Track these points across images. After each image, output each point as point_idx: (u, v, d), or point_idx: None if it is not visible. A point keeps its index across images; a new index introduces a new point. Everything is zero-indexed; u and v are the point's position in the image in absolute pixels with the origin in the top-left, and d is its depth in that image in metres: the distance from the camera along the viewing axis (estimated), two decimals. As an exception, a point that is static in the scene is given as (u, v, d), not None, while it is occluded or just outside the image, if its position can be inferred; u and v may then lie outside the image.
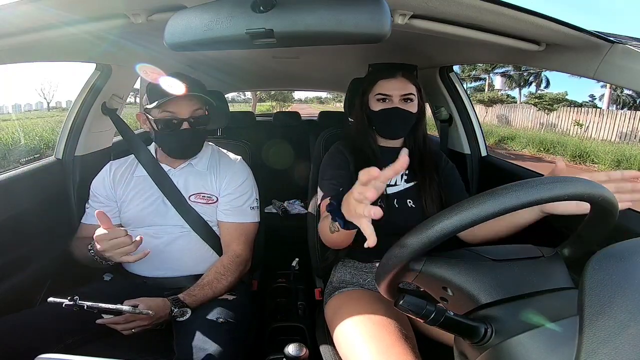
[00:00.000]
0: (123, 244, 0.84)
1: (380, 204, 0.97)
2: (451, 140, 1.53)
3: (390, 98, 0.99)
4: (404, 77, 1.00)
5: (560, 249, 0.56)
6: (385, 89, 0.99)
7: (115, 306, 0.75)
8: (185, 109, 0.99)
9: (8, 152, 8.26)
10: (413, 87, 1.00)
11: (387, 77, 1.00)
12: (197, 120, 1.02)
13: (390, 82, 0.99)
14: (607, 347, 0.37)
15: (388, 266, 0.49)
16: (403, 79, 0.99)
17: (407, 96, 0.99)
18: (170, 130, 0.99)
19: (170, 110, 0.97)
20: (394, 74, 1.00)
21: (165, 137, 1.02)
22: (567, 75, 7.55)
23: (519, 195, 0.41)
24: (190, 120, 1.00)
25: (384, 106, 1.00)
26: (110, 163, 1.12)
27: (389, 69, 1.02)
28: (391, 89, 0.99)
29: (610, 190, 0.45)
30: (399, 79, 0.99)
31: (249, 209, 1.11)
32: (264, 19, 0.55)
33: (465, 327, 0.45)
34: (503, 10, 0.65)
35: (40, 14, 0.67)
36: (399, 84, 0.99)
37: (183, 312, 0.86)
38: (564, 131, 13.08)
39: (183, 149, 1.05)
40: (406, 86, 0.99)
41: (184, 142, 1.03)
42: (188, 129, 1.00)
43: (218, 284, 0.96)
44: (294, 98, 27.21)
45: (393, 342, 0.72)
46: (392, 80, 0.99)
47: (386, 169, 0.56)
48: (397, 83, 0.99)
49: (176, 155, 1.07)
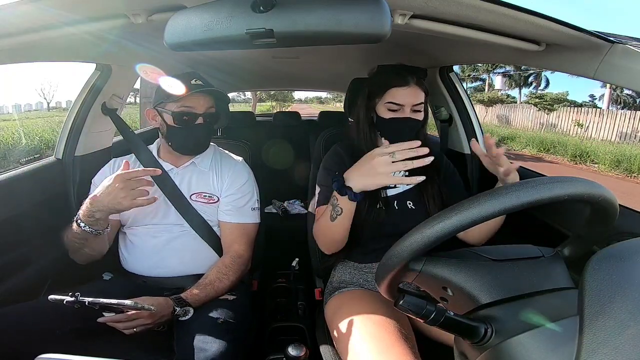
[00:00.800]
0: (139, 185, 0.87)
1: (380, 206, 0.97)
2: (451, 140, 1.53)
3: (403, 108, 0.95)
4: (417, 85, 0.95)
5: (560, 249, 0.56)
6: (398, 99, 0.94)
7: (117, 301, 0.74)
8: (202, 105, 1.01)
9: (8, 153, 8.26)
10: (423, 94, 0.96)
11: (401, 85, 0.94)
12: (211, 117, 1.05)
13: (403, 90, 0.94)
14: (607, 347, 0.37)
15: (388, 266, 0.49)
16: (416, 87, 0.95)
17: (418, 106, 0.96)
18: (186, 124, 1.01)
19: (188, 104, 1.00)
20: (407, 82, 0.94)
21: (178, 131, 1.02)
22: (567, 75, 7.59)
23: (519, 195, 0.41)
24: (205, 115, 1.02)
25: (395, 115, 0.95)
26: (113, 160, 1.11)
27: (402, 74, 0.96)
28: (404, 99, 0.94)
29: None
30: (412, 87, 0.94)
31: (250, 209, 1.11)
32: (264, 19, 0.55)
33: (465, 327, 0.45)
34: (503, 10, 0.65)
35: (40, 14, 0.67)
36: (412, 93, 0.94)
37: (185, 312, 0.86)
38: (564, 131, 13.08)
39: (195, 143, 1.06)
40: (418, 95, 0.95)
41: (197, 137, 1.05)
42: (202, 124, 1.02)
43: (220, 284, 0.96)
44: (294, 98, 27.21)
45: (393, 342, 0.72)
46: (406, 88, 0.94)
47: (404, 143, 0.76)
48: (410, 92, 0.94)
49: (186, 150, 1.07)
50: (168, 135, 1.05)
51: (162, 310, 0.82)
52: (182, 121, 1.01)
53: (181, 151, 1.07)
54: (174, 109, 1.00)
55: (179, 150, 1.07)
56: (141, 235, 1.04)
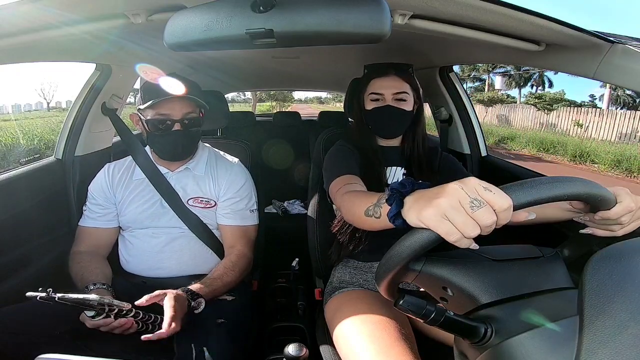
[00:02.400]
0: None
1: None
2: (451, 141, 1.53)
3: (383, 97, 0.98)
4: (396, 75, 0.99)
5: (560, 249, 0.56)
6: (377, 88, 0.99)
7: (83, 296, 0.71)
8: (178, 110, 0.97)
9: (8, 153, 8.25)
10: (407, 85, 0.99)
11: (380, 76, 0.99)
12: (190, 122, 1.00)
13: (382, 80, 0.99)
14: (607, 347, 0.37)
15: (388, 266, 0.49)
16: (396, 76, 0.98)
17: (400, 95, 0.98)
18: (162, 131, 0.98)
19: (163, 112, 0.96)
20: (386, 73, 0.99)
21: (156, 138, 1.00)
22: (566, 75, 7.59)
23: (518, 195, 0.41)
24: (182, 122, 0.98)
25: (377, 105, 0.99)
26: (108, 165, 1.11)
27: (382, 66, 1.02)
28: (383, 87, 0.98)
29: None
30: (391, 77, 0.98)
31: (249, 211, 1.11)
32: (264, 19, 0.55)
33: (465, 327, 0.45)
34: (503, 10, 0.65)
35: (40, 14, 0.67)
36: (391, 82, 0.98)
37: (199, 303, 0.85)
38: (563, 131, 13.08)
39: (173, 150, 1.02)
40: (399, 84, 0.98)
41: (175, 144, 1.01)
42: (179, 131, 0.98)
43: (227, 278, 0.96)
44: (293, 98, 27.17)
45: (393, 342, 0.72)
46: (384, 78, 0.99)
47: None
48: (389, 81, 0.98)
49: (167, 157, 1.05)
50: (148, 142, 1.04)
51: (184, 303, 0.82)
52: (158, 129, 0.98)
53: (162, 157, 1.05)
54: (149, 116, 0.97)
55: (161, 157, 1.05)
56: (141, 237, 1.04)
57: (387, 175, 1.03)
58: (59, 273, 1.12)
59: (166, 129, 0.97)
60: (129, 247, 1.06)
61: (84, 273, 0.94)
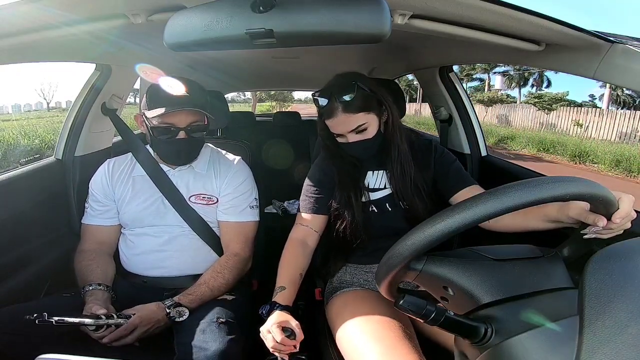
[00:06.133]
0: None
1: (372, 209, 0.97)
2: (451, 140, 1.53)
3: (345, 137, 0.92)
4: (344, 112, 0.87)
5: (560, 249, 0.56)
6: (335, 129, 0.92)
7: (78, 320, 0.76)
8: (184, 120, 0.97)
9: (7, 153, 8.25)
10: (359, 115, 0.88)
11: (329, 117, 0.90)
12: (194, 129, 1.00)
13: (332, 121, 0.90)
14: (607, 347, 0.37)
15: (389, 265, 0.49)
16: (344, 114, 0.88)
17: (357, 128, 0.89)
18: (167, 138, 0.98)
19: (169, 120, 0.96)
20: (334, 113, 0.88)
21: (160, 144, 1.01)
22: (566, 75, 7.51)
23: (520, 195, 0.41)
24: (187, 130, 0.98)
25: (342, 140, 0.94)
26: (108, 161, 1.11)
27: (330, 103, 0.89)
28: (339, 128, 0.91)
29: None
30: (340, 117, 0.88)
31: (249, 207, 1.11)
32: (264, 19, 0.55)
33: (465, 327, 0.45)
34: (503, 10, 0.65)
35: (40, 14, 0.67)
36: (343, 122, 0.89)
37: (180, 313, 0.86)
38: (563, 131, 13.08)
39: (177, 156, 1.03)
40: (351, 120, 0.88)
41: (179, 151, 1.01)
42: (184, 139, 0.98)
43: (214, 282, 0.96)
44: (293, 98, 27.18)
45: (397, 342, 0.72)
46: (334, 119, 0.90)
47: None
48: (340, 123, 0.89)
49: (170, 162, 1.06)
50: (152, 145, 1.05)
51: (155, 316, 0.84)
52: (163, 135, 0.98)
53: (165, 161, 1.06)
54: (154, 122, 0.96)
55: (164, 161, 1.06)
56: (141, 236, 1.04)
57: (367, 180, 1.00)
58: (59, 273, 1.12)
59: (171, 137, 0.98)
60: (130, 246, 1.05)
61: (85, 272, 0.95)
